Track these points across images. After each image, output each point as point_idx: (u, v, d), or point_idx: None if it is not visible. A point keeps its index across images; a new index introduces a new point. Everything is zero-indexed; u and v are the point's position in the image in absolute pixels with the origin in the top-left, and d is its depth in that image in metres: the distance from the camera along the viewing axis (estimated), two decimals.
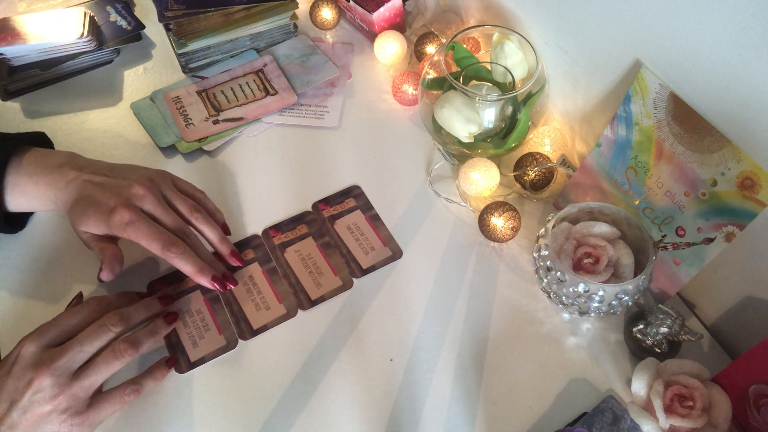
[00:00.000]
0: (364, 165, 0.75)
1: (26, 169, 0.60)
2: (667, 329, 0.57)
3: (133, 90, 0.82)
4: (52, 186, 0.60)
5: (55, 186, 0.60)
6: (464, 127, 0.66)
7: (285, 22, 0.85)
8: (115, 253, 0.59)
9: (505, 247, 0.68)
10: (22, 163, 0.61)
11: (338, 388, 0.59)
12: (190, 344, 0.61)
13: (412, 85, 0.77)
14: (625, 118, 0.59)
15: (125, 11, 0.87)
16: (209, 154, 0.76)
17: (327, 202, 0.71)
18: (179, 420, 0.57)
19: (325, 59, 0.84)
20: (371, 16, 0.81)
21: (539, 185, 0.70)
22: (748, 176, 0.50)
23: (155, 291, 0.64)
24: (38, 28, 0.80)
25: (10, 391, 0.49)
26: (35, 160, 0.61)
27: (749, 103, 0.47)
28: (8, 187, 0.60)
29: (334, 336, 0.62)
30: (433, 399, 0.58)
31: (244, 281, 0.65)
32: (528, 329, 0.62)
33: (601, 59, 0.61)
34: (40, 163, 0.61)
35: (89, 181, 0.59)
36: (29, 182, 0.60)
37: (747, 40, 0.45)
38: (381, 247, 0.68)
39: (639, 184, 0.60)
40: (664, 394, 0.55)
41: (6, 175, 0.60)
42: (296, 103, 0.80)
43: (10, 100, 0.81)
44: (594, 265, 0.58)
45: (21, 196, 0.61)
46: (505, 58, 0.69)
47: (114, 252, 0.59)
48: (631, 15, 0.54)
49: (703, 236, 0.55)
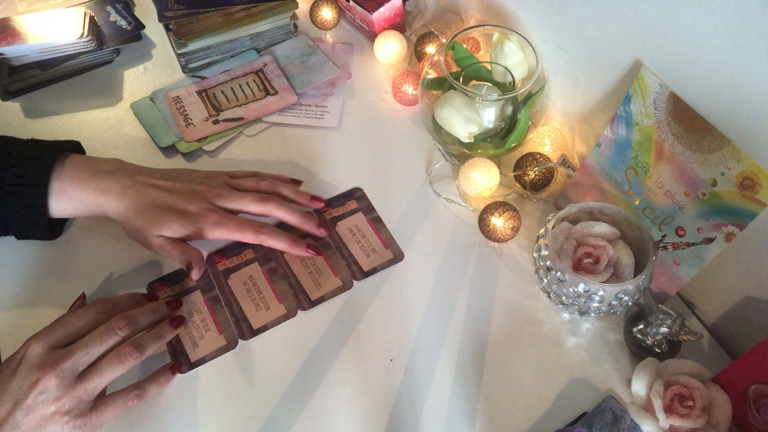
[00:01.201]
0: (364, 165, 0.75)
1: (71, 174, 0.61)
2: (667, 329, 0.57)
3: (133, 90, 0.82)
4: (104, 192, 0.61)
5: (109, 192, 0.61)
6: (464, 127, 0.66)
7: (285, 22, 0.85)
8: (198, 252, 0.63)
9: (505, 247, 0.68)
10: (65, 169, 0.61)
11: (338, 388, 0.59)
12: (191, 344, 0.61)
13: (412, 85, 0.77)
14: (625, 118, 0.59)
15: (125, 11, 0.87)
16: (209, 154, 0.76)
17: (329, 203, 0.71)
18: (179, 420, 0.57)
19: (325, 59, 0.84)
20: (371, 16, 0.81)
21: (539, 185, 0.70)
22: (748, 176, 0.50)
23: (155, 291, 0.65)
24: (38, 28, 0.80)
25: (14, 391, 0.49)
26: (80, 166, 0.62)
27: (749, 103, 0.47)
28: (54, 194, 0.60)
29: (334, 336, 0.62)
30: (433, 399, 0.58)
31: (243, 281, 0.65)
32: (528, 329, 0.62)
33: (601, 59, 0.61)
34: (87, 169, 0.62)
35: (154, 187, 0.62)
36: (77, 188, 0.61)
37: (747, 40, 0.45)
38: (382, 249, 0.68)
39: (639, 184, 0.60)
40: (664, 394, 0.55)
41: (51, 180, 0.60)
42: (296, 103, 0.80)
43: (10, 100, 0.81)
44: (594, 265, 0.58)
45: (68, 201, 0.61)
46: (505, 58, 0.69)
47: (198, 252, 0.62)
48: (631, 15, 0.54)
49: (703, 236, 0.55)
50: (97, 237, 0.68)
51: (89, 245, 0.68)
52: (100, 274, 0.66)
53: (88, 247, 0.68)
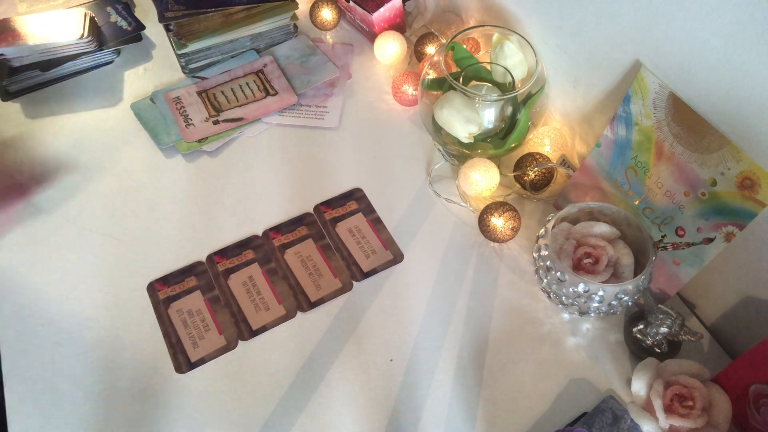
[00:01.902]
0: (364, 165, 0.75)
1: None
2: (667, 329, 0.57)
3: (134, 90, 0.82)
4: None
5: None
6: (464, 128, 0.66)
7: (285, 22, 0.85)
8: None
9: (505, 248, 0.68)
10: None
11: (338, 388, 0.59)
12: (190, 344, 0.61)
13: (412, 86, 0.77)
14: (624, 118, 0.59)
15: (125, 12, 0.87)
16: (209, 154, 0.76)
17: (329, 204, 0.71)
18: (179, 420, 0.57)
19: (325, 59, 0.84)
20: (371, 16, 0.81)
21: (539, 185, 0.70)
22: (747, 176, 0.50)
23: (155, 291, 0.65)
24: (39, 29, 0.80)
25: None
26: None
27: (749, 103, 0.47)
28: None
29: (334, 336, 0.62)
30: (434, 399, 0.58)
31: (243, 282, 0.65)
32: (528, 329, 0.62)
33: (601, 59, 0.61)
34: None
35: None
36: None
37: (747, 40, 0.45)
38: (382, 250, 0.68)
39: (639, 184, 0.60)
40: (664, 394, 0.55)
41: None
42: (296, 104, 0.80)
43: (11, 101, 0.81)
44: (594, 265, 0.58)
45: None
46: (504, 59, 0.69)
47: None
48: (631, 15, 0.54)
49: (703, 236, 0.55)
50: (97, 237, 0.69)
51: (89, 245, 0.68)
52: (100, 274, 0.66)
53: (88, 247, 0.68)
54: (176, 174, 0.74)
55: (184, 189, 0.73)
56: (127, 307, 0.64)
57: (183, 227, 0.70)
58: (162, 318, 0.63)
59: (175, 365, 0.60)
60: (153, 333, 0.62)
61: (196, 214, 0.71)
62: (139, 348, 0.61)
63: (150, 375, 0.60)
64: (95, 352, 0.61)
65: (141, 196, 0.72)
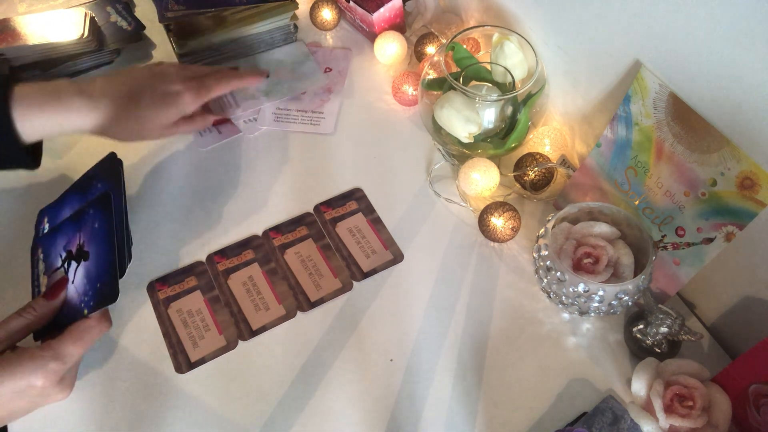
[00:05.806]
0: (364, 165, 0.75)
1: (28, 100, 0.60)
2: (667, 329, 0.57)
3: None
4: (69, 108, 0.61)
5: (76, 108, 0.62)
6: (464, 128, 0.67)
7: (285, 22, 0.85)
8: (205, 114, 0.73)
9: (505, 248, 0.68)
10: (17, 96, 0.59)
11: (338, 388, 0.59)
12: (190, 344, 0.61)
13: (412, 86, 0.77)
14: (624, 118, 0.59)
15: (125, 12, 0.87)
16: (209, 153, 0.76)
17: (329, 204, 0.71)
18: (179, 420, 0.57)
19: (315, 68, 0.84)
20: (371, 16, 0.81)
21: (539, 185, 0.70)
22: (747, 176, 0.50)
23: (155, 291, 0.65)
24: (39, 29, 0.80)
25: None
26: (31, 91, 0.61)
27: (749, 103, 0.47)
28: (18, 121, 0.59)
29: (334, 336, 0.62)
30: (434, 399, 0.58)
31: (243, 282, 0.65)
32: (528, 329, 0.62)
33: (601, 59, 0.61)
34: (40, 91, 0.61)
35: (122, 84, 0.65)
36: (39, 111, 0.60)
37: (747, 40, 0.45)
38: (382, 250, 0.68)
39: (639, 184, 0.60)
40: (664, 394, 0.55)
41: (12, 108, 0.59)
42: (292, 109, 0.80)
43: None
44: (594, 265, 0.58)
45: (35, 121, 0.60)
46: (504, 59, 0.69)
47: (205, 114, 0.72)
48: (631, 15, 0.54)
49: (703, 236, 0.55)
50: None
51: None
52: None
53: None
54: (176, 173, 0.74)
55: (183, 188, 0.73)
56: (127, 307, 0.64)
57: (182, 227, 0.70)
58: (162, 318, 0.63)
59: (175, 365, 0.60)
60: (153, 333, 0.62)
61: (195, 214, 0.71)
62: (139, 348, 0.61)
63: (150, 375, 0.60)
64: (95, 353, 0.61)
65: (140, 196, 0.72)
